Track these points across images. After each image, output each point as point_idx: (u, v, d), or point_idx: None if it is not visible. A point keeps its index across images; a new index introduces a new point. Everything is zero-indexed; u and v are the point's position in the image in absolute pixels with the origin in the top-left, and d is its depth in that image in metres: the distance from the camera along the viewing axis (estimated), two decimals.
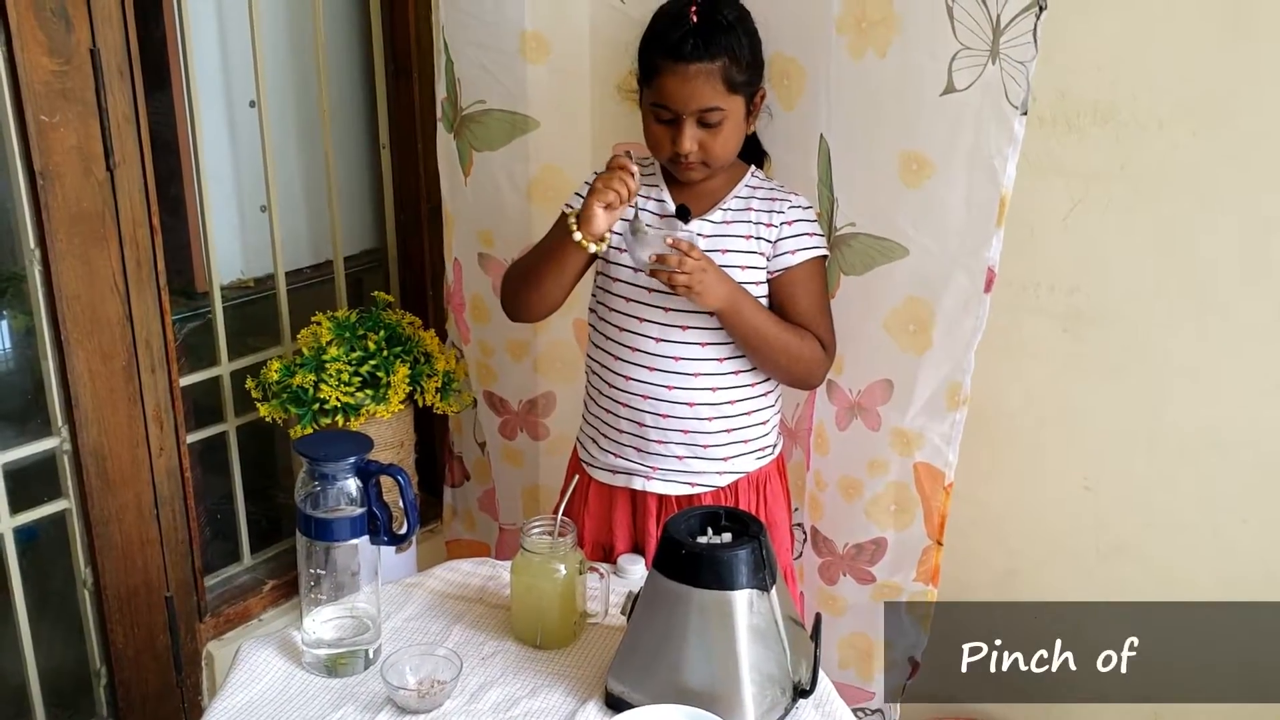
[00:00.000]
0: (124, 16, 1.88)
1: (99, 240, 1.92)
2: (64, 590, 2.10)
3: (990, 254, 1.79)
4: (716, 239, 1.84)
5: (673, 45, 1.72)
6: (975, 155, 1.75)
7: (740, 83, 1.76)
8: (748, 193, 1.86)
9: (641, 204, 1.87)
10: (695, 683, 1.45)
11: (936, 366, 1.91)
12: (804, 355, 1.85)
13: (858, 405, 2.03)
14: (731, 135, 1.79)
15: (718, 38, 1.72)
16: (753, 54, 1.79)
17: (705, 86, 1.73)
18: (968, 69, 1.72)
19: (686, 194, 1.86)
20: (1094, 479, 2.10)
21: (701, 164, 1.79)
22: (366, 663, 1.59)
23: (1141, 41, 1.86)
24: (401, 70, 2.52)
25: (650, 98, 1.78)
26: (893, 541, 2.08)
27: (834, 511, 2.15)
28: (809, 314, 1.86)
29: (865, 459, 2.05)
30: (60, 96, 1.82)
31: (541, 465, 2.44)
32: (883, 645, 2.17)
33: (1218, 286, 1.91)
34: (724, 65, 1.73)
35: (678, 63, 1.72)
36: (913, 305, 1.90)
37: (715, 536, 1.51)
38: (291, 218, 2.44)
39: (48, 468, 2.01)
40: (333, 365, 2.14)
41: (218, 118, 2.30)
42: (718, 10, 1.75)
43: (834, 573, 2.18)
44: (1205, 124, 1.84)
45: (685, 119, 1.75)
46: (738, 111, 1.78)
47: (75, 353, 1.93)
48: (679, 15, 1.74)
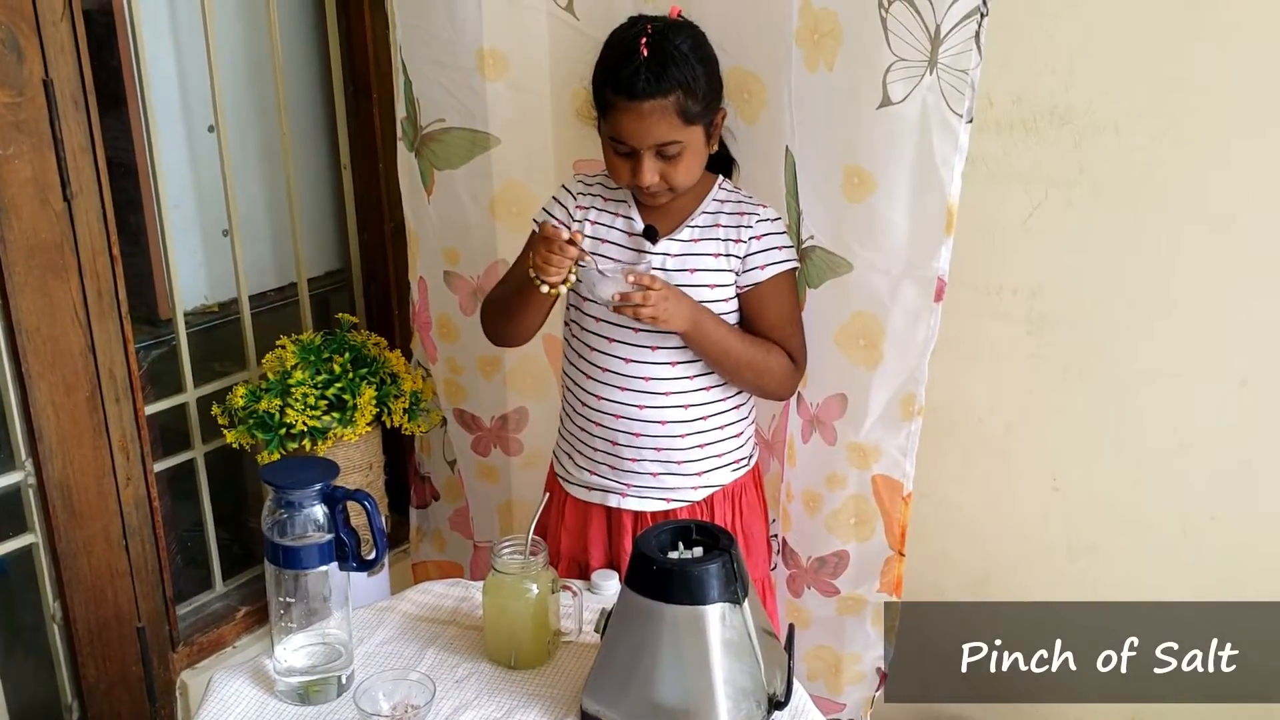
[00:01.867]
0: (76, 46, 1.86)
1: (58, 271, 1.90)
2: (33, 625, 2.07)
3: (939, 263, 1.79)
4: (685, 258, 1.83)
5: (624, 82, 1.68)
6: (918, 166, 1.74)
7: (696, 113, 1.72)
8: (715, 207, 1.85)
9: (610, 222, 1.87)
10: (670, 699, 1.45)
11: (889, 380, 1.91)
12: (771, 369, 1.85)
13: (816, 419, 2.04)
14: (693, 162, 1.76)
15: (670, 71, 1.68)
16: (709, 81, 1.74)
17: (660, 122, 1.69)
18: (903, 80, 1.71)
19: (654, 211, 1.85)
20: (1062, 480, 2.11)
21: (666, 190, 1.77)
22: (339, 689, 1.59)
23: (1096, 45, 1.88)
24: (360, 90, 2.51)
25: (607, 131, 1.76)
26: (854, 554, 2.08)
27: (799, 524, 2.15)
28: (778, 327, 1.86)
29: (824, 473, 2.05)
30: (14, 129, 1.80)
31: (515, 480, 2.43)
32: (848, 658, 2.18)
33: (1179, 287, 1.92)
34: (678, 99, 1.69)
35: (631, 100, 1.68)
36: (861, 320, 1.89)
37: (686, 551, 1.52)
38: (254, 241, 2.42)
39: (12, 502, 1.99)
40: (298, 389, 2.12)
41: (176, 143, 2.28)
42: (669, 40, 1.70)
43: (799, 585, 2.18)
44: (1162, 126, 1.86)
45: (643, 153, 1.72)
46: (696, 140, 1.75)
47: (37, 385, 1.91)
48: (630, 49, 1.69)
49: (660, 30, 1.71)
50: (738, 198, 1.87)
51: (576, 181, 1.93)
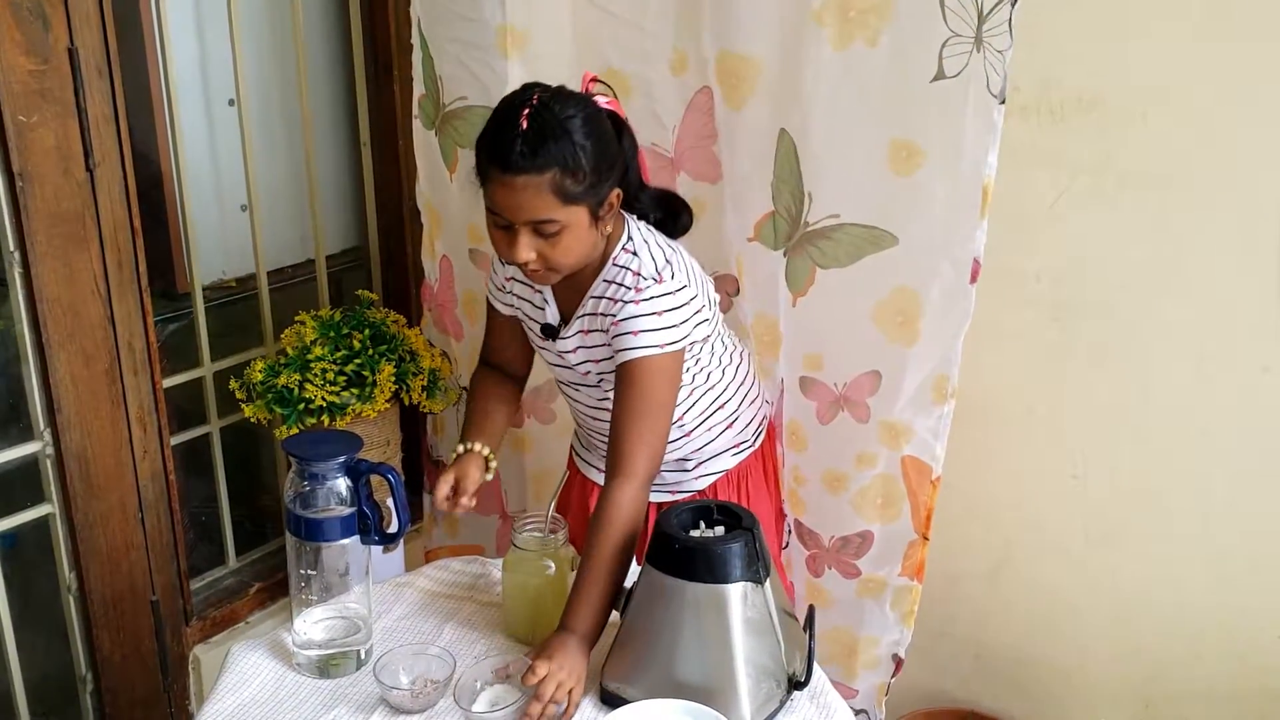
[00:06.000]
0: (102, 16, 1.86)
1: (79, 242, 1.90)
2: (48, 596, 2.08)
3: (975, 246, 1.80)
4: (583, 350, 1.77)
5: (499, 153, 1.56)
6: (961, 144, 1.75)
7: (576, 194, 1.58)
8: (600, 290, 1.71)
9: (531, 297, 1.81)
10: (690, 677, 1.44)
11: (923, 359, 1.91)
12: (632, 532, 1.63)
13: (844, 399, 2.03)
14: (573, 244, 1.63)
15: (547, 146, 1.54)
16: (596, 159, 1.59)
17: (535, 199, 1.56)
18: (957, 55, 1.72)
19: (563, 284, 1.74)
20: (1082, 468, 2.11)
21: (548, 269, 1.65)
22: (358, 663, 1.58)
23: (1125, 32, 1.87)
24: (382, 67, 2.50)
25: (485, 200, 1.63)
26: (879, 535, 2.08)
27: (819, 505, 2.14)
28: (618, 419, 1.68)
29: (853, 452, 2.04)
30: (38, 96, 1.80)
31: (550, 449, 2.41)
32: (865, 641, 2.17)
33: (1203, 274, 1.92)
34: (554, 177, 1.55)
35: (504, 173, 1.56)
36: (901, 296, 1.89)
37: (708, 530, 1.51)
38: (272, 217, 2.42)
39: (30, 472, 1.99)
40: (318, 364, 2.12)
41: (197, 117, 2.28)
42: (552, 113, 1.57)
43: (820, 565, 2.18)
44: (1189, 114, 1.85)
45: (519, 228, 1.60)
46: (578, 220, 1.61)
47: (57, 356, 1.91)
48: (510, 120, 1.57)
49: (545, 102, 1.58)
50: (623, 276, 1.69)
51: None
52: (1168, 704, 2.16)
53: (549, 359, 1.84)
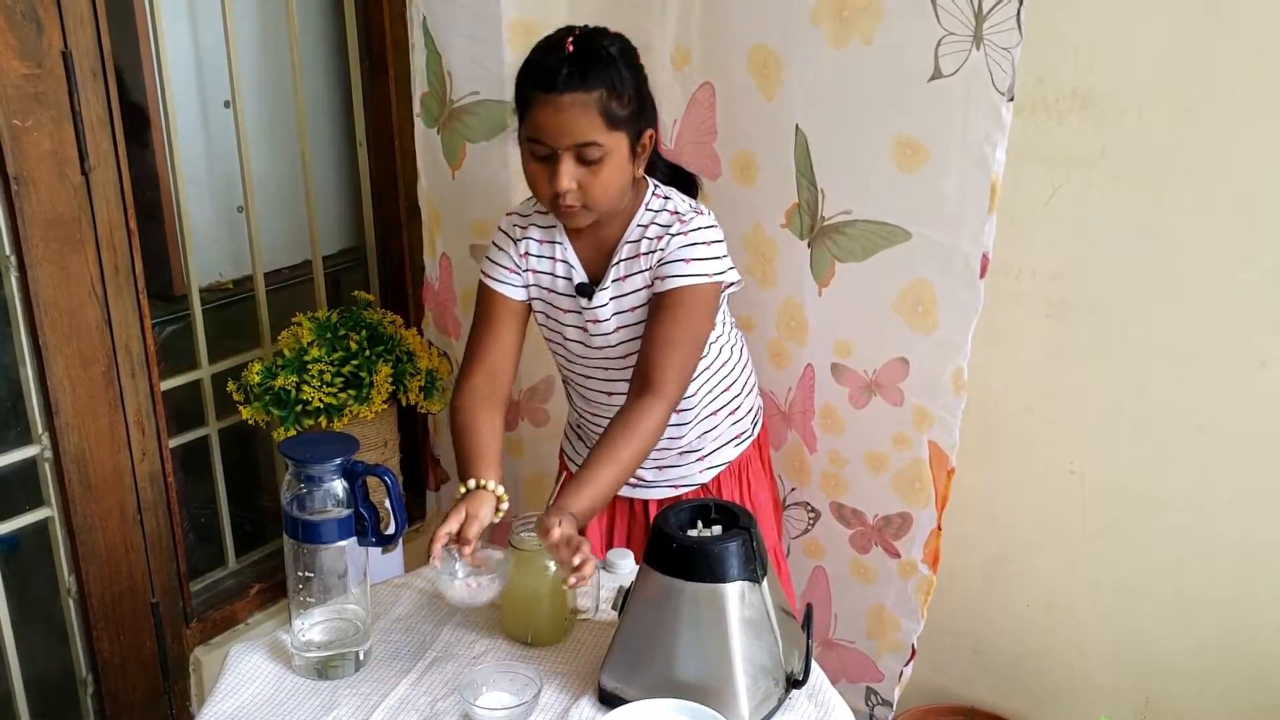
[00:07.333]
0: (95, 18, 1.86)
1: (75, 245, 1.90)
2: (48, 598, 2.08)
3: (984, 240, 1.81)
4: (621, 299, 1.77)
5: (546, 75, 1.58)
6: (965, 141, 1.76)
7: (621, 118, 1.61)
8: (638, 234, 1.74)
9: (550, 269, 1.81)
10: (688, 676, 1.44)
11: (943, 348, 1.93)
12: (648, 440, 1.68)
13: (875, 384, 2.05)
14: (613, 176, 1.64)
15: (595, 68, 1.59)
16: (636, 90, 1.64)
17: (581, 119, 1.59)
18: (953, 55, 1.72)
19: (584, 243, 1.77)
20: (1079, 463, 2.11)
21: (583, 208, 1.67)
22: (357, 665, 1.58)
23: (1119, 27, 1.87)
24: (377, 66, 2.50)
25: (525, 132, 1.65)
26: (915, 519, 2.10)
27: (861, 485, 2.16)
28: (656, 343, 1.71)
29: (890, 433, 2.06)
30: (33, 100, 1.80)
31: (543, 453, 2.43)
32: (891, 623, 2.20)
33: (1198, 270, 1.92)
34: (601, 97, 1.59)
35: (550, 93, 1.58)
36: (919, 287, 1.91)
37: (705, 529, 1.51)
38: (269, 218, 2.42)
39: (29, 475, 1.99)
40: (315, 366, 2.12)
41: (193, 118, 2.28)
42: (597, 42, 1.62)
43: (866, 541, 2.20)
44: (1184, 109, 1.85)
45: (561, 154, 1.61)
46: (620, 150, 1.63)
47: (54, 359, 1.91)
48: (555, 45, 1.61)
49: (589, 33, 1.63)
50: (660, 217, 1.74)
51: (513, 226, 1.84)
52: (1168, 699, 2.16)
53: (569, 335, 1.79)
